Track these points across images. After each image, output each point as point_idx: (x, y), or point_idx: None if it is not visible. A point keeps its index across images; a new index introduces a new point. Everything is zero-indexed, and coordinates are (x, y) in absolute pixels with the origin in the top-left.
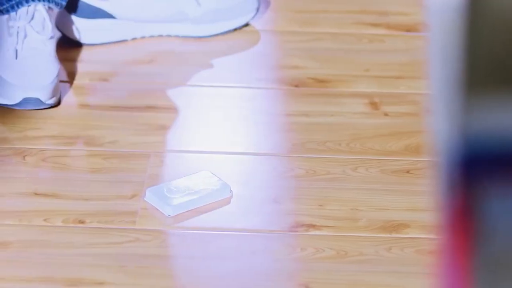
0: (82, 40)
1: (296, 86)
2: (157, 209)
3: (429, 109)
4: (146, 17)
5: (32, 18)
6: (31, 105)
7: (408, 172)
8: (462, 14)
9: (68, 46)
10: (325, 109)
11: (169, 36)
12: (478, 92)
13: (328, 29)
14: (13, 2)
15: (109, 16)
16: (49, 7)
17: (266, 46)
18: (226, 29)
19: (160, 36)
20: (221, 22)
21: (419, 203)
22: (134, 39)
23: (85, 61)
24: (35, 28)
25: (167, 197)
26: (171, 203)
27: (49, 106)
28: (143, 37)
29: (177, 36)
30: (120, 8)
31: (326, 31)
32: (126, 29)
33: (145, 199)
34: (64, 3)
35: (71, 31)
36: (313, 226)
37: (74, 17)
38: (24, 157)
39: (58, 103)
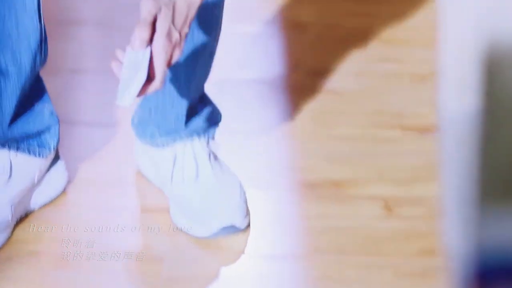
0: None
1: (311, 187)
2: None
3: (443, 213)
4: None
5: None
6: (227, 233)
7: (422, 275)
8: (478, 123)
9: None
10: (339, 212)
11: None
12: (493, 203)
13: (343, 130)
14: (169, 137)
15: None
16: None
17: (281, 148)
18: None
19: None
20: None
21: None
22: None
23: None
24: (204, 155)
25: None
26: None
27: (245, 227)
28: None
29: None
30: None
31: (341, 132)
32: None
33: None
34: (216, 128)
35: None
36: None
37: None
38: (37, 258)
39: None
